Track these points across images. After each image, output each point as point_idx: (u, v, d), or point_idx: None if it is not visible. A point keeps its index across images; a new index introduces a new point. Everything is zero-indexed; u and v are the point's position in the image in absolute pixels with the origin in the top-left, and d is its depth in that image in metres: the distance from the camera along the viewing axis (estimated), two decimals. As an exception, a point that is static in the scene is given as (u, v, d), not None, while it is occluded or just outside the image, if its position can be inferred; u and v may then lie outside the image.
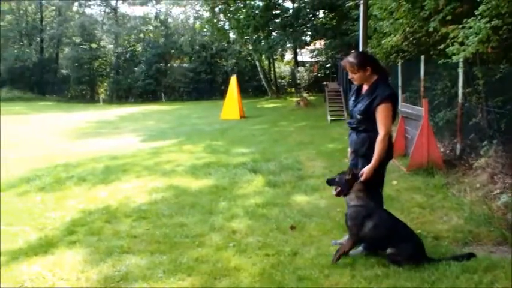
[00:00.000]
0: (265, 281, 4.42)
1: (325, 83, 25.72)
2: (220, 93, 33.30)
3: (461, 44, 7.59)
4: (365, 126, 4.82)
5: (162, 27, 46.50)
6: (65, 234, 5.87)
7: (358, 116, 4.85)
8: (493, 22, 6.98)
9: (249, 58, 39.58)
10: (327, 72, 33.58)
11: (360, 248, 4.90)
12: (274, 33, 33.49)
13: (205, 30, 40.93)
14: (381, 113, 4.65)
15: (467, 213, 6.09)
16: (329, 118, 18.88)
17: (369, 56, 5.25)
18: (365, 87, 4.90)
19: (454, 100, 9.37)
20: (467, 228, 5.58)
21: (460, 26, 7.79)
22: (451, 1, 9.14)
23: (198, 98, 38.40)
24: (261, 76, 36.79)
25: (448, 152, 9.54)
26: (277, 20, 32.67)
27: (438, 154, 8.64)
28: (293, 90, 40.49)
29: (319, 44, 36.76)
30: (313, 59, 39.84)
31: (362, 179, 4.75)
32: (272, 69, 40.63)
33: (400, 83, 13.31)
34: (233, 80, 22.37)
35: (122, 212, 6.78)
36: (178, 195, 7.68)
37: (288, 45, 38.27)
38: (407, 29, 11.78)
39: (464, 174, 8.00)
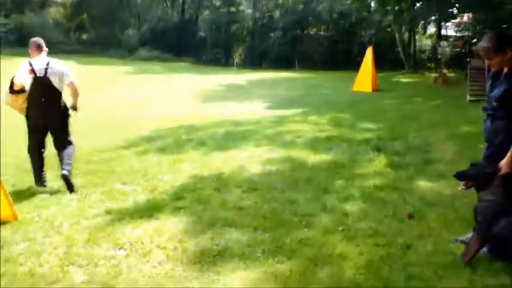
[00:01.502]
0: (370, 274, 3.98)
1: (468, 59, 23.99)
2: (355, 64, 32.19)
3: None
4: (502, 113, 4.15)
5: (302, -7, 46.05)
6: (173, 199, 5.82)
7: (494, 103, 4.21)
8: None
9: (389, 29, 37.96)
10: (473, 49, 31.29)
11: (485, 249, 4.22)
12: (418, 4, 31.72)
13: (345, -3, 39.83)
14: None
15: None
16: (468, 98, 17.49)
17: (505, 36, 4.46)
18: (505, 70, 4.21)
19: None
20: None
21: None
22: None
23: (332, 68, 37.49)
24: (400, 49, 35.11)
25: None
26: (423, -10, 30.92)
27: None
28: (433, 65, 38.41)
29: (467, 17, 34.38)
30: (458, 34, 37.43)
31: (501, 173, 4.08)
32: (412, 42, 38.71)
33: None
34: (369, 51, 21.50)
35: (233, 181, 6.60)
36: (294, 168, 7.33)
37: (432, 18, 36.18)
38: None
39: None
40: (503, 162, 4.07)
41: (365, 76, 21.01)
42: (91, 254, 4.33)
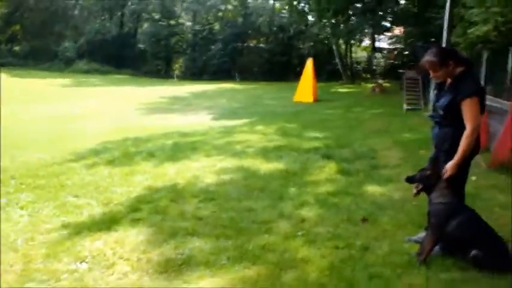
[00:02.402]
0: (334, 276, 4.10)
1: (402, 70, 24.84)
2: (295, 75, 32.68)
3: None
4: (448, 121, 4.44)
5: (241, 7, 46.31)
6: (129, 211, 5.72)
7: (441, 112, 4.49)
8: None
9: (326, 42, 38.80)
10: (405, 60, 32.40)
11: (437, 248, 4.47)
12: (353, 18, 32.63)
13: (284, 11, 40.42)
14: (467, 108, 4.27)
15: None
16: (405, 107, 18.13)
17: (447, 50, 4.86)
18: (448, 81, 4.52)
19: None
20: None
21: None
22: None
23: (272, 79, 37.91)
24: (337, 60, 35.92)
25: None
26: (358, 5, 31.77)
27: (525, 152, 7.91)
28: (368, 76, 39.52)
29: (399, 31, 35.63)
30: (391, 46, 38.71)
31: (446, 175, 4.36)
32: (348, 54, 39.67)
33: (483, 75, 12.53)
34: (309, 63, 21.94)
35: (188, 192, 6.57)
36: (248, 177, 7.40)
37: (367, 31, 37.30)
38: (499, 18, 11.02)
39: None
40: (449, 165, 4.35)
41: (306, 87, 21.37)
42: (51, 269, 4.19)
